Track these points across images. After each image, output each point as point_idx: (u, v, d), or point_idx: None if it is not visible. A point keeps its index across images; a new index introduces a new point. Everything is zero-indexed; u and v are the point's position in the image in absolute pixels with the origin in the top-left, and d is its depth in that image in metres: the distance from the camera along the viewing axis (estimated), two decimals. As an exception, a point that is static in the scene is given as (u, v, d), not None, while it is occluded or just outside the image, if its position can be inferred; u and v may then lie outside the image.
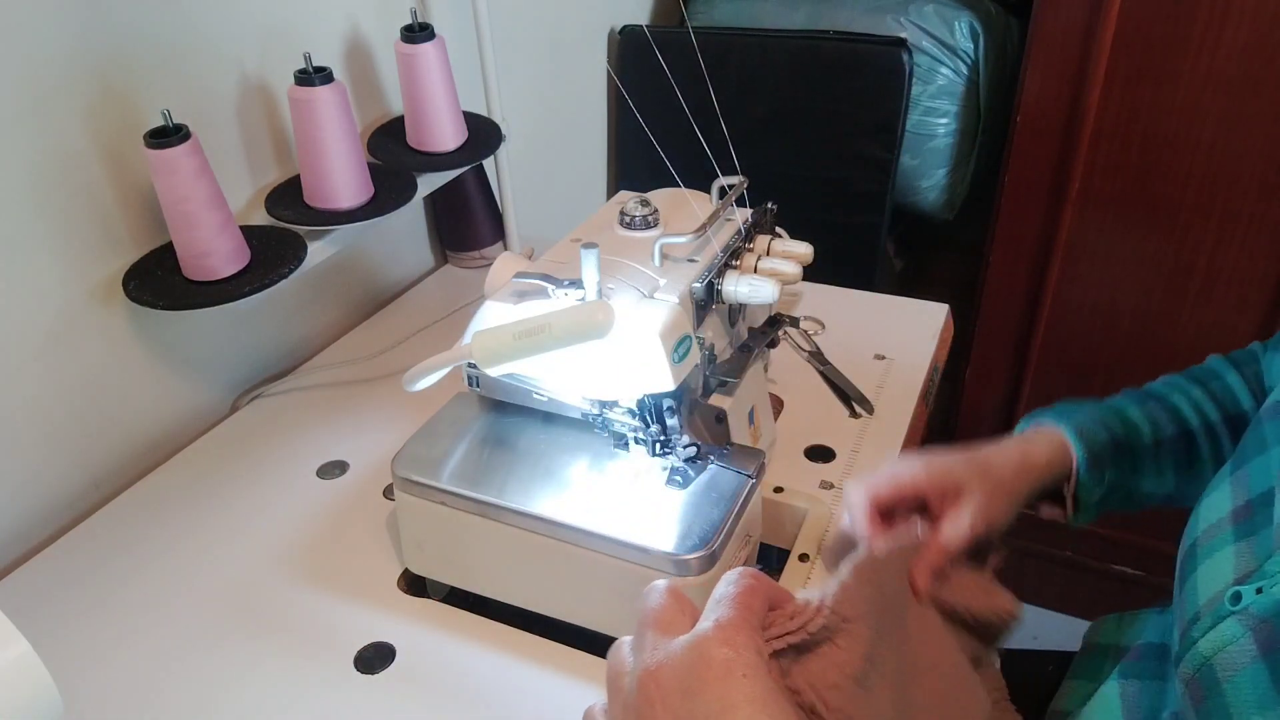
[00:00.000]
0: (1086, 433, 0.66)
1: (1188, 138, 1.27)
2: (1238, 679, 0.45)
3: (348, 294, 1.13)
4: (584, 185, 1.62)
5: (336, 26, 1.01)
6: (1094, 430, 0.66)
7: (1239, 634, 0.46)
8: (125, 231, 0.84)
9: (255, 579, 0.76)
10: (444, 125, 1.02)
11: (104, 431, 0.87)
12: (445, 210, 1.23)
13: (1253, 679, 0.44)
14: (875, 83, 1.40)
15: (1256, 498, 0.50)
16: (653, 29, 1.61)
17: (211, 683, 0.67)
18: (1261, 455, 0.53)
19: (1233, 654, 0.46)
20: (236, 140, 0.93)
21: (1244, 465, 0.55)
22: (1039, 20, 1.30)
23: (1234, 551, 0.50)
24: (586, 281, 0.65)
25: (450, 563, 0.73)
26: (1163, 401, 0.70)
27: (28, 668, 0.43)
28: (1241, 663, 0.45)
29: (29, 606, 0.74)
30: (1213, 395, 0.69)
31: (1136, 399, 0.70)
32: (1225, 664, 0.46)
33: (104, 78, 0.79)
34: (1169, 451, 0.68)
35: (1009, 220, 1.46)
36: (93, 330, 0.84)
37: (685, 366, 0.66)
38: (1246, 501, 0.51)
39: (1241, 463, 0.55)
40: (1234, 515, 0.52)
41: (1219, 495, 0.55)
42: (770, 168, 1.51)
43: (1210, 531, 0.53)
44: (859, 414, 0.91)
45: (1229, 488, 0.55)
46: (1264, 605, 0.46)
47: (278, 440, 0.92)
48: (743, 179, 0.75)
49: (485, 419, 0.76)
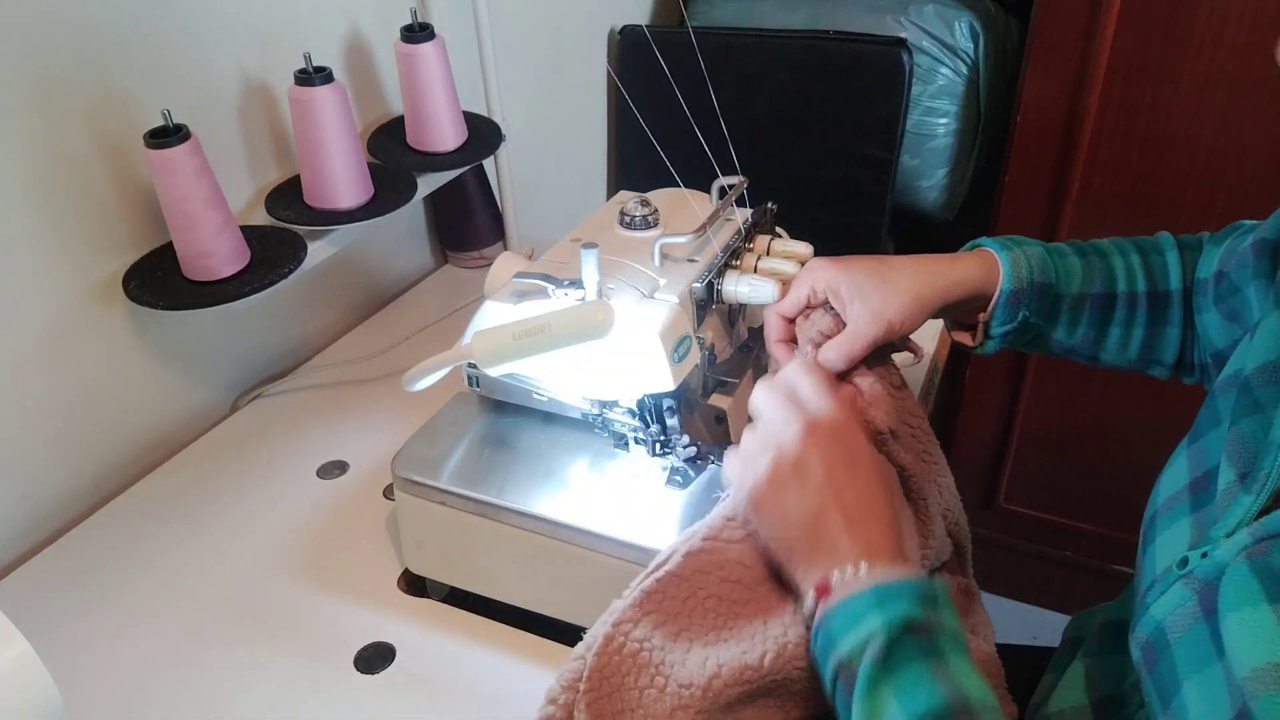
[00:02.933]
0: (1019, 265, 0.67)
1: (1188, 138, 1.27)
2: (1183, 639, 0.47)
3: (348, 294, 1.13)
4: (584, 185, 1.62)
5: (336, 26, 1.01)
6: (1025, 266, 0.67)
7: (1186, 597, 0.48)
8: (125, 231, 0.84)
9: (255, 579, 0.76)
10: (444, 125, 1.02)
11: (104, 431, 0.87)
12: (445, 210, 1.23)
13: (1194, 639, 0.46)
14: (875, 83, 1.40)
15: (1211, 469, 0.52)
16: (653, 29, 1.61)
17: (211, 682, 0.67)
18: (1215, 429, 0.54)
19: (1180, 616, 0.48)
20: (236, 140, 0.93)
21: (1200, 438, 0.56)
22: (1039, 20, 1.30)
23: (1190, 523, 0.52)
24: (586, 281, 0.65)
25: (450, 563, 0.73)
26: (1102, 258, 0.71)
27: (28, 668, 0.43)
28: (1186, 624, 0.47)
29: (29, 606, 0.74)
30: (1148, 267, 0.71)
31: (1078, 249, 0.71)
32: (1174, 627, 0.48)
33: (104, 78, 0.79)
34: (1088, 308, 0.70)
35: (1009, 220, 1.46)
36: (93, 330, 0.84)
37: (685, 366, 0.66)
38: (1204, 473, 0.53)
39: (1197, 435, 0.57)
40: (1191, 487, 0.54)
41: (1177, 468, 0.57)
42: (770, 168, 1.51)
43: (1169, 503, 0.55)
44: None
45: (1186, 460, 0.56)
46: (1207, 569, 0.47)
47: (278, 440, 0.92)
48: (743, 179, 0.75)
49: (485, 419, 0.76)
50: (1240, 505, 0.47)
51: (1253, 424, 0.49)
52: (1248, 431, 0.50)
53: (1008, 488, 1.68)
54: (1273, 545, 0.44)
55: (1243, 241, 0.65)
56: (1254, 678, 0.41)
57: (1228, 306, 0.65)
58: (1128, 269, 0.71)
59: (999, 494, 1.70)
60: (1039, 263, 0.68)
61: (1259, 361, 0.52)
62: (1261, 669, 0.41)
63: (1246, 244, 0.64)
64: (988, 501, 1.71)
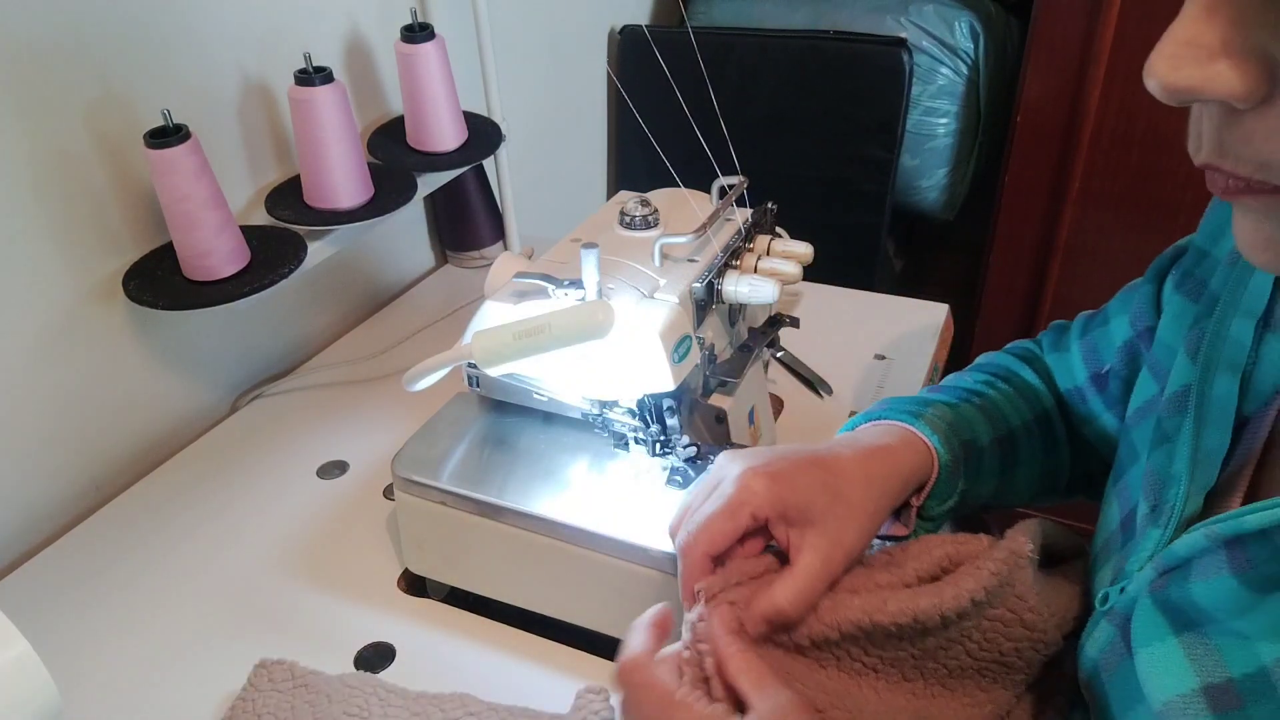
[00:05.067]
0: (943, 433, 0.59)
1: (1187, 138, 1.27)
2: (1114, 678, 0.46)
3: (348, 294, 1.13)
4: (584, 185, 1.62)
5: (336, 26, 1.01)
6: (946, 431, 0.59)
7: (1111, 634, 0.47)
8: (125, 231, 0.84)
9: (255, 579, 0.76)
10: (444, 125, 1.02)
11: (104, 431, 0.87)
12: (445, 210, 1.23)
13: (1124, 677, 0.45)
14: (875, 83, 1.41)
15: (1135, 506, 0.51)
16: (653, 29, 1.61)
17: (211, 682, 0.67)
18: (1135, 465, 0.52)
19: (1109, 655, 0.47)
20: (236, 140, 0.93)
21: (1122, 477, 0.54)
22: (1039, 20, 1.30)
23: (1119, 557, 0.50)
24: (586, 281, 0.65)
25: (450, 563, 0.73)
26: (981, 397, 0.64)
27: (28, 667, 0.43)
28: (1115, 661, 0.46)
29: (29, 606, 0.74)
30: (1018, 391, 0.66)
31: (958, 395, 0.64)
32: (1105, 665, 0.47)
33: (104, 78, 0.79)
34: (998, 454, 0.63)
35: (1009, 220, 1.46)
36: (93, 330, 0.84)
37: (685, 366, 0.66)
38: (1129, 511, 0.51)
39: (1120, 474, 0.55)
40: (1122, 525, 0.52)
41: (1109, 507, 0.55)
42: (770, 168, 1.51)
43: (1105, 545, 0.53)
44: (821, 396, 0.94)
45: (1114, 499, 0.54)
46: (1124, 604, 0.46)
47: (278, 440, 0.92)
48: (743, 179, 0.75)
49: (485, 419, 0.76)
50: (1150, 539, 0.46)
51: (1160, 456, 0.48)
52: (1157, 464, 0.48)
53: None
54: (1171, 579, 0.44)
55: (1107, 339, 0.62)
56: (1166, 710, 0.41)
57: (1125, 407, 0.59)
58: (1009, 401, 0.64)
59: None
60: (953, 421, 0.60)
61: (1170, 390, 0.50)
62: (1171, 701, 0.41)
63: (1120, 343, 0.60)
64: (988, 501, 1.71)
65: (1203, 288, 0.52)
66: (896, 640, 0.48)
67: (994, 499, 0.64)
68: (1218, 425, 0.45)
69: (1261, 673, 0.38)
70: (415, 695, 0.64)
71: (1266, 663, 0.38)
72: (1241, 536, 0.40)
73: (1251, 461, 0.45)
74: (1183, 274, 0.55)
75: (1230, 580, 0.40)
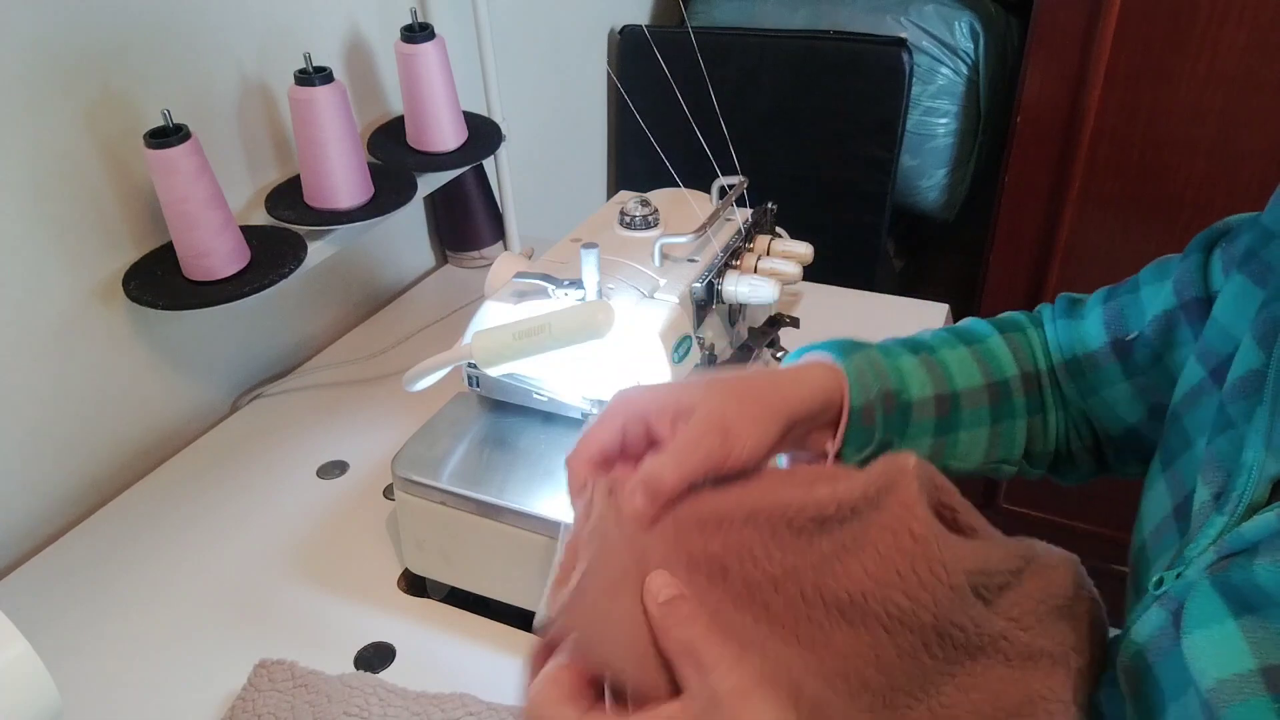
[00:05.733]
0: (863, 375, 0.57)
1: (1188, 138, 1.27)
2: (1164, 662, 0.46)
3: (348, 294, 1.13)
4: (584, 185, 1.62)
5: (336, 26, 1.01)
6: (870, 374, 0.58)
7: (1163, 618, 0.47)
8: (125, 231, 0.84)
9: (255, 579, 0.76)
10: (444, 125, 1.02)
11: (104, 431, 0.87)
12: (445, 210, 1.23)
13: (1175, 663, 0.44)
14: (875, 83, 1.40)
15: (1190, 492, 0.50)
16: (653, 29, 1.61)
17: (211, 682, 0.67)
18: (1188, 451, 0.52)
19: (1159, 639, 0.46)
20: (236, 140, 0.93)
21: (1174, 462, 0.54)
22: (1039, 20, 1.30)
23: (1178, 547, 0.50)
24: (586, 281, 0.65)
25: (450, 563, 0.73)
26: (932, 353, 0.63)
27: (28, 667, 0.43)
28: (1165, 646, 0.46)
29: (29, 606, 0.74)
30: (978, 357, 0.64)
31: (908, 345, 0.63)
32: (1153, 649, 0.47)
33: (104, 78, 0.79)
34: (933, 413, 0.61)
35: (1009, 220, 1.46)
36: (93, 330, 0.84)
37: (685, 366, 0.66)
38: (1184, 498, 0.51)
39: (1170, 459, 0.54)
40: (1175, 513, 0.52)
41: (1158, 494, 0.54)
42: (770, 168, 1.51)
43: (1156, 533, 0.53)
44: None
45: (1164, 485, 0.54)
46: (1180, 588, 0.46)
47: (278, 440, 0.92)
48: (743, 179, 0.75)
49: (485, 419, 0.76)
50: (1213, 525, 0.46)
51: (1225, 443, 0.48)
52: (1220, 451, 0.48)
53: (1008, 488, 1.69)
54: (1233, 561, 0.43)
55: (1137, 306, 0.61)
56: (1219, 689, 0.40)
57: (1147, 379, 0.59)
58: (959, 362, 0.63)
59: (999, 494, 1.70)
60: (880, 368, 0.59)
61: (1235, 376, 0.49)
62: (1227, 680, 0.40)
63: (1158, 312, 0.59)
64: (988, 501, 1.71)
65: (1269, 271, 0.51)
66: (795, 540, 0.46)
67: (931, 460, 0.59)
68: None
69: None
70: (415, 695, 0.64)
71: None
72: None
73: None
74: (1246, 253, 0.54)
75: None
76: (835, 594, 0.46)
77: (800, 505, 0.46)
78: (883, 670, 0.45)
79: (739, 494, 0.48)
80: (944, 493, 0.51)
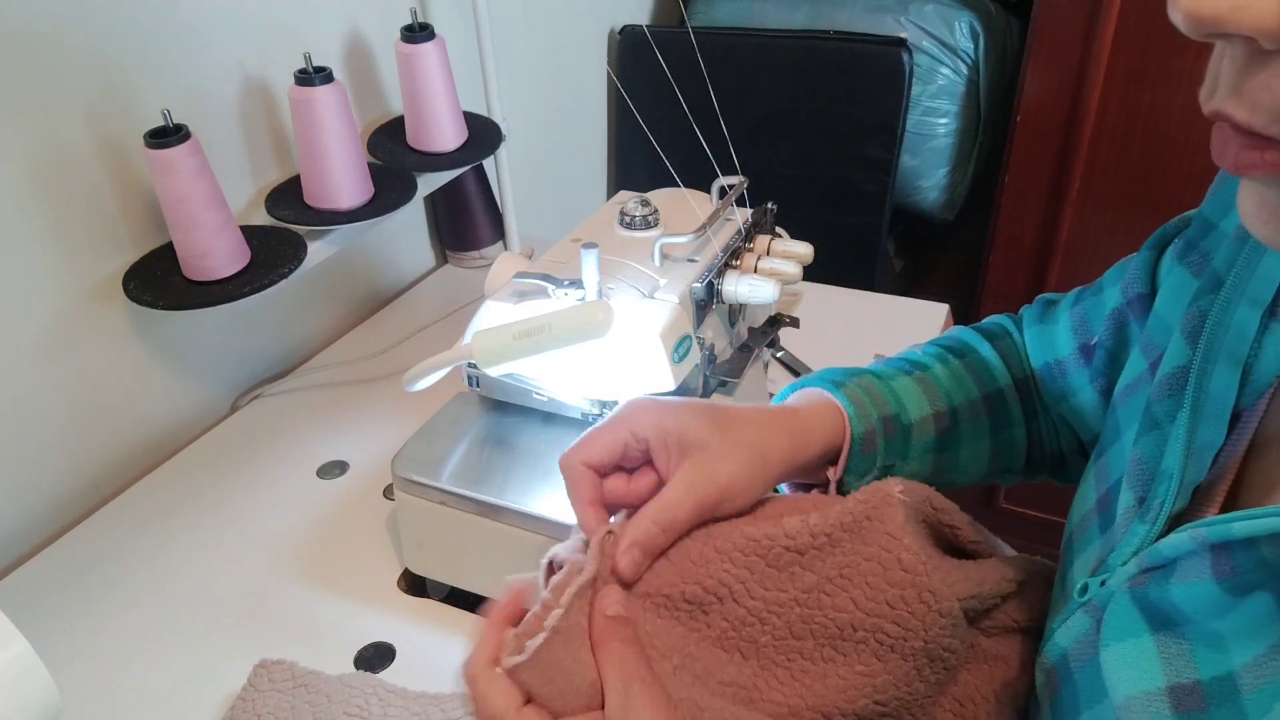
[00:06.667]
0: (861, 404, 0.57)
1: (1188, 138, 1.27)
2: (1085, 670, 0.45)
3: (348, 294, 1.13)
4: (584, 185, 1.62)
5: (336, 26, 1.01)
6: (867, 402, 0.57)
7: (1087, 625, 0.46)
8: (125, 231, 0.84)
9: (255, 579, 0.76)
10: (444, 125, 1.02)
11: (103, 431, 0.87)
12: (445, 210, 1.23)
13: (1095, 670, 0.44)
14: (875, 83, 1.41)
15: (1113, 485, 0.49)
16: (653, 29, 1.61)
17: (211, 683, 0.67)
18: (1117, 443, 0.51)
19: (1082, 646, 0.46)
20: (236, 140, 0.93)
21: (1104, 453, 0.53)
22: (1039, 20, 1.30)
23: (1099, 545, 0.49)
24: (586, 281, 0.65)
25: (450, 563, 0.73)
26: (924, 370, 0.62)
27: (28, 667, 0.43)
28: (1088, 654, 0.45)
29: (29, 606, 0.74)
30: (971, 369, 0.64)
31: (899, 366, 0.63)
32: (1076, 655, 0.46)
33: (104, 77, 0.79)
34: (934, 431, 0.61)
35: (1009, 220, 1.46)
36: (93, 330, 0.84)
37: (685, 366, 0.66)
38: (1107, 489, 0.50)
39: (1102, 450, 0.53)
40: (1098, 505, 0.51)
41: (1086, 484, 0.54)
42: (770, 168, 1.51)
43: (1081, 524, 0.52)
44: None
45: (1093, 477, 0.53)
46: (1103, 597, 0.46)
47: (278, 440, 0.92)
48: (743, 179, 0.75)
49: (485, 419, 0.75)
50: (1135, 534, 0.45)
51: (1149, 444, 0.47)
52: (1145, 452, 0.47)
53: (1008, 488, 1.69)
54: (1151, 578, 0.43)
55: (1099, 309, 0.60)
56: (1128, 705, 0.40)
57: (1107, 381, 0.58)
58: (954, 376, 0.63)
59: (999, 494, 1.70)
60: (877, 394, 0.58)
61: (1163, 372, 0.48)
62: (1135, 698, 0.40)
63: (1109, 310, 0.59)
64: (988, 502, 1.71)
65: (1206, 262, 0.50)
66: (776, 574, 0.47)
67: (935, 478, 0.61)
68: (1214, 420, 0.44)
69: (1229, 677, 0.38)
70: (415, 695, 0.64)
71: (1235, 668, 0.38)
72: (1228, 543, 0.39)
73: (1238, 455, 0.44)
74: (1186, 244, 0.53)
75: (1211, 585, 0.40)
76: (825, 626, 0.47)
77: (771, 539, 0.47)
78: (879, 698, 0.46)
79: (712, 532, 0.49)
80: (943, 512, 0.52)
